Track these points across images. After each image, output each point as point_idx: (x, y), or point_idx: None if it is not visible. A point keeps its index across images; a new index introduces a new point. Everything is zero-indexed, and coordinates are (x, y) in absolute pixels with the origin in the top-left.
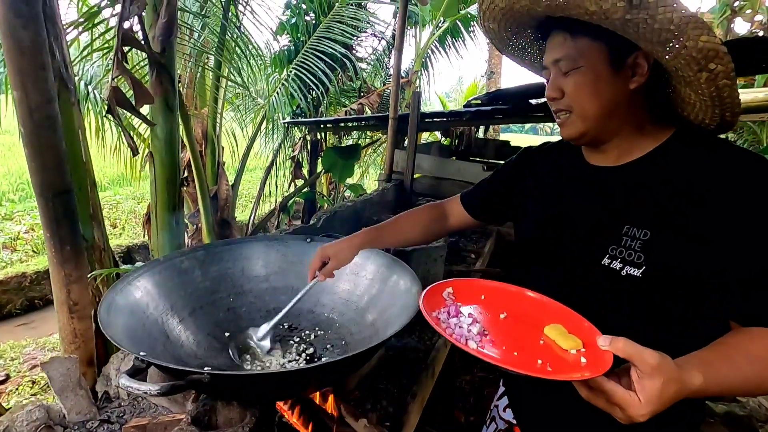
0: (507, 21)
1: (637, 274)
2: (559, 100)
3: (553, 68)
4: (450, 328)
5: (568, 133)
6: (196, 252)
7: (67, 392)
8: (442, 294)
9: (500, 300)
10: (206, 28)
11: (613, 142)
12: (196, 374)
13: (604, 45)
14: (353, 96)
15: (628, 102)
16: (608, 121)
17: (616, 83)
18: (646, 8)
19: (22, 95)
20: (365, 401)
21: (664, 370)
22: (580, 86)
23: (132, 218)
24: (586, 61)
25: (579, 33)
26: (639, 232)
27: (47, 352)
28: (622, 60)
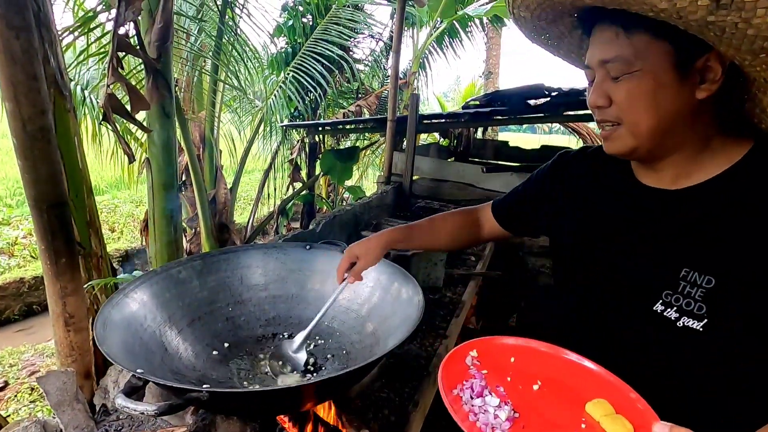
0: (543, 7)
1: (698, 327)
2: (605, 110)
3: (600, 70)
4: (473, 414)
5: (615, 148)
6: (194, 262)
7: (63, 406)
8: (464, 360)
9: (533, 364)
10: (203, 31)
11: (670, 160)
12: (194, 392)
13: (668, 44)
14: (351, 98)
15: (694, 113)
16: (666, 136)
17: (680, 92)
18: (740, 9)
19: (15, 107)
20: (366, 411)
21: None
22: (635, 95)
23: (130, 222)
24: (644, 64)
25: (636, 28)
26: (701, 278)
27: (46, 358)
28: (690, 63)
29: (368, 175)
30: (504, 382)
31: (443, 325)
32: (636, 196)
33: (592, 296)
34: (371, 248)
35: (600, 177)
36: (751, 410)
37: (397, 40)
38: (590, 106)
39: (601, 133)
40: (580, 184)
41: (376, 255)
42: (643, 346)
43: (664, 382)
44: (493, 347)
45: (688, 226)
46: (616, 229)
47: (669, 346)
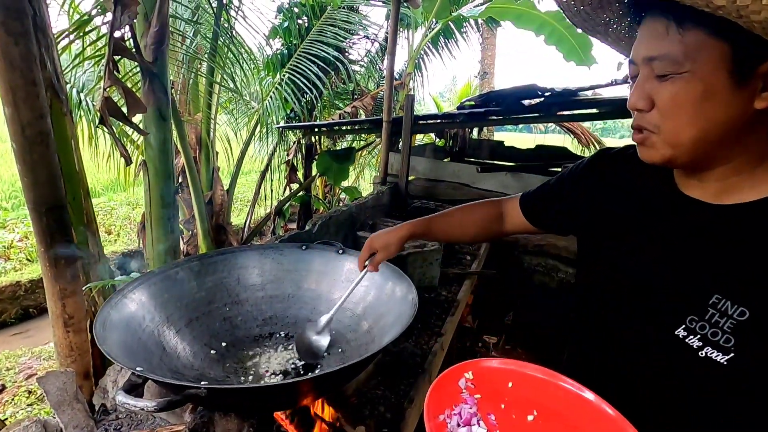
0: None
1: (722, 360)
2: (645, 114)
3: (644, 67)
4: None
5: (649, 156)
6: (191, 263)
7: (63, 406)
8: (458, 381)
9: (530, 391)
10: (198, 34)
11: (717, 171)
12: (192, 388)
13: (725, 44)
14: (347, 99)
15: (749, 125)
16: (712, 148)
17: (734, 100)
18: None
19: (14, 111)
20: (363, 408)
21: None
22: (680, 100)
23: (127, 224)
24: (695, 66)
25: (690, 23)
26: (733, 308)
27: (43, 362)
28: (750, 67)
29: (364, 176)
30: (497, 409)
31: (438, 323)
32: (674, 205)
33: (613, 303)
34: (391, 241)
35: (638, 179)
36: None
37: (392, 42)
38: (629, 108)
39: (635, 138)
40: (617, 185)
41: (395, 247)
42: (659, 370)
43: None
44: (491, 370)
45: (726, 248)
46: (647, 236)
47: (686, 376)
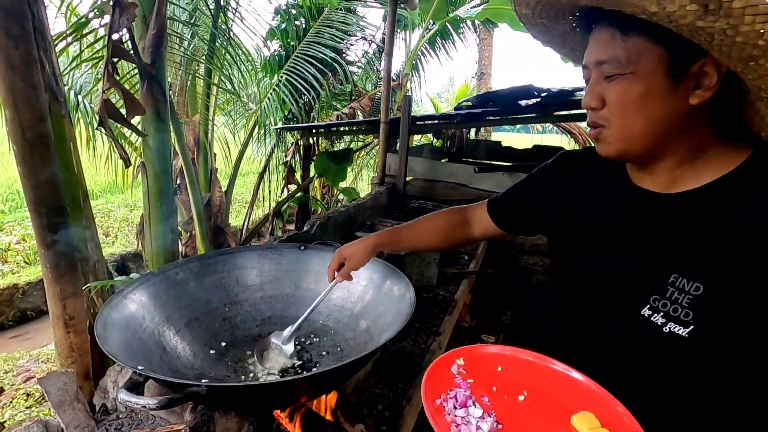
0: (543, 6)
1: (683, 333)
2: (598, 112)
3: (595, 70)
4: (455, 424)
5: (605, 151)
6: (190, 263)
7: (64, 406)
8: (450, 368)
9: (520, 374)
10: (196, 36)
11: (663, 164)
12: (193, 386)
13: (662, 48)
14: (345, 100)
15: (687, 119)
16: (657, 141)
17: (672, 96)
18: (728, 15)
19: (14, 114)
20: (361, 406)
21: None
22: (626, 97)
23: (125, 226)
24: (637, 67)
25: (632, 31)
26: (689, 284)
27: (41, 364)
28: (684, 68)
29: (362, 177)
30: (489, 391)
31: (436, 322)
32: (629, 198)
33: (583, 296)
34: (359, 251)
35: (597, 177)
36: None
37: (389, 43)
38: (584, 107)
39: (591, 134)
40: (580, 184)
41: (363, 257)
42: (629, 349)
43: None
44: (481, 356)
45: (678, 232)
46: (609, 230)
47: (654, 351)
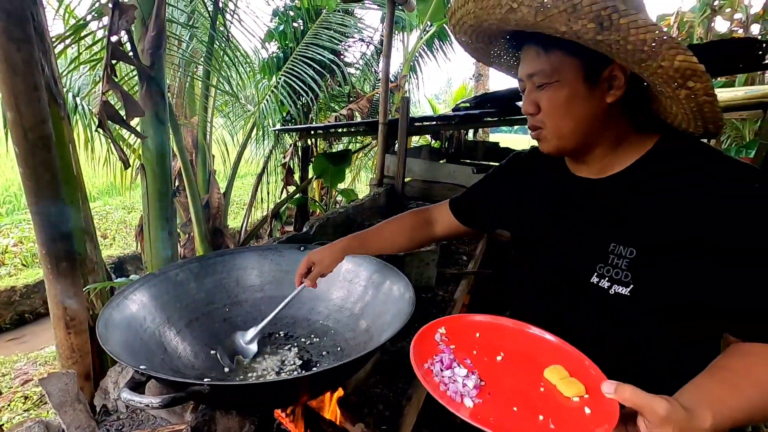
0: (477, 34)
1: (625, 292)
2: (535, 116)
3: (528, 82)
4: (444, 384)
5: (545, 148)
6: (191, 264)
7: (65, 407)
8: (434, 336)
9: (496, 338)
10: (194, 38)
11: (594, 154)
12: (196, 386)
13: (578, 59)
14: (343, 101)
15: (606, 115)
16: (585, 136)
17: (592, 97)
18: (618, 30)
19: (16, 116)
20: (362, 406)
21: (674, 419)
22: (555, 102)
23: (123, 228)
24: (561, 76)
25: (552, 47)
26: (625, 250)
27: (39, 367)
28: (597, 73)
29: (361, 178)
30: (470, 355)
31: None
32: (570, 186)
33: (543, 276)
34: (326, 256)
35: (543, 172)
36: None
37: (387, 44)
38: (524, 113)
39: (533, 135)
40: (530, 180)
41: (330, 262)
42: (586, 314)
43: (605, 343)
44: (461, 324)
45: (611, 208)
46: (557, 215)
47: (606, 312)
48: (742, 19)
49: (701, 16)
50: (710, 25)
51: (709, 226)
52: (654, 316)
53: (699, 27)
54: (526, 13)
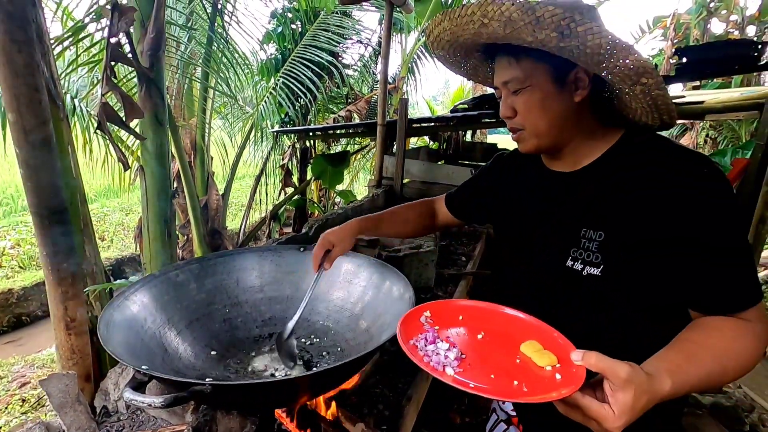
0: (454, 49)
1: (597, 273)
2: (513, 119)
3: (504, 89)
4: (427, 356)
5: (525, 148)
6: (191, 265)
7: (66, 408)
8: (419, 319)
9: (478, 319)
10: (193, 39)
11: (567, 150)
12: (198, 385)
13: (546, 65)
14: (341, 103)
15: (576, 113)
16: (559, 133)
17: (562, 98)
18: (576, 37)
19: (17, 118)
20: (362, 406)
21: (636, 381)
22: (529, 104)
23: (120, 230)
24: (532, 81)
25: (522, 56)
26: (595, 233)
27: (36, 369)
28: (564, 76)
29: (359, 179)
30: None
31: None
32: (548, 180)
33: (524, 263)
34: (345, 236)
35: (525, 170)
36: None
37: (385, 46)
38: (502, 117)
39: (513, 137)
40: (511, 178)
41: (349, 242)
42: (564, 296)
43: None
44: (444, 307)
45: (582, 197)
46: (536, 207)
47: (580, 293)
48: (738, 20)
49: (697, 17)
50: (706, 27)
51: (664, 213)
52: (624, 295)
53: (695, 28)
54: (497, 27)
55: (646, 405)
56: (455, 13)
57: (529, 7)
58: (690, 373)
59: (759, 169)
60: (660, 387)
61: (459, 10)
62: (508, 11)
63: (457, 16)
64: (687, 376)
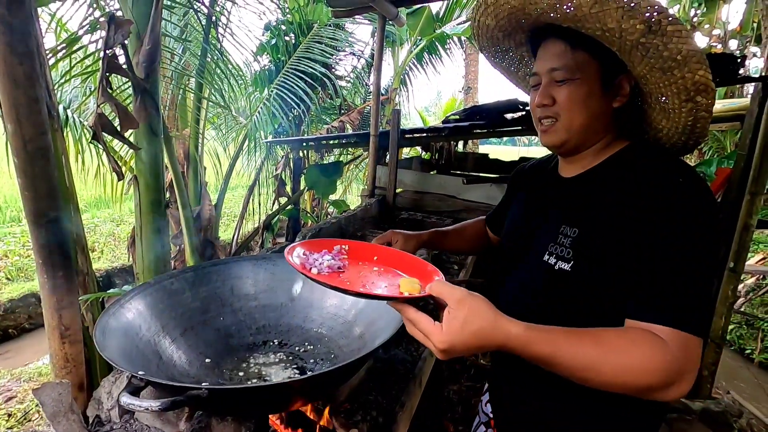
0: (509, 20)
1: (567, 268)
2: (549, 107)
3: (546, 76)
4: (308, 263)
5: (551, 140)
6: (186, 273)
7: (59, 417)
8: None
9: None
10: (187, 51)
11: (585, 153)
12: (194, 389)
13: (599, 63)
14: (334, 114)
15: (609, 118)
16: (589, 133)
17: (603, 100)
18: (663, 35)
19: (16, 127)
20: (355, 412)
21: (469, 304)
22: (573, 97)
23: (111, 241)
24: (582, 74)
25: (579, 46)
26: (570, 230)
27: (23, 383)
28: (611, 79)
29: (352, 190)
30: (353, 262)
31: None
32: (553, 185)
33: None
34: (411, 239)
35: (537, 179)
36: None
37: (378, 58)
38: (536, 105)
39: (541, 128)
40: (525, 188)
41: (412, 247)
42: (542, 291)
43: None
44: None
45: (568, 197)
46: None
47: (552, 286)
48: (720, 34)
49: None
50: None
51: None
52: (591, 293)
53: None
54: (584, 1)
55: (478, 331)
56: None
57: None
58: (557, 338)
59: (741, 178)
60: (504, 324)
61: None
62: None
63: None
64: (551, 337)
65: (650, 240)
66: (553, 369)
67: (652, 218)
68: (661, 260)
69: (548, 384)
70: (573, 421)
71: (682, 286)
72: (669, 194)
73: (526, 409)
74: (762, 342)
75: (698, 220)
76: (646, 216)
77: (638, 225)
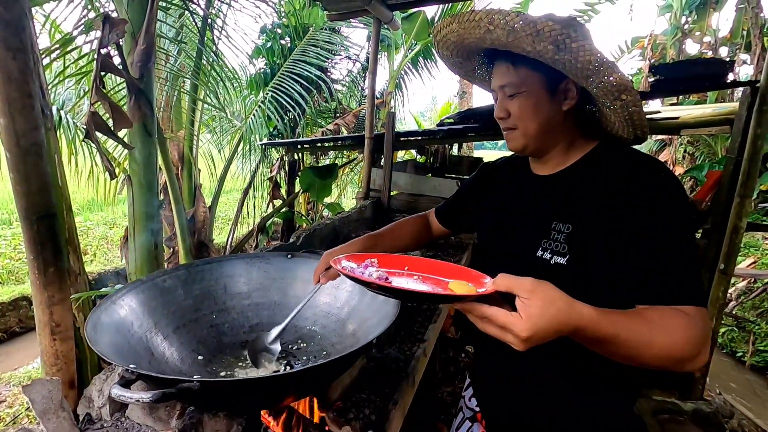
0: (458, 50)
1: (563, 262)
2: (506, 119)
3: (500, 92)
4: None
5: (513, 146)
6: (178, 271)
7: (49, 415)
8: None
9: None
10: (182, 52)
11: (551, 154)
12: (186, 382)
13: (541, 74)
14: (329, 117)
15: (562, 121)
16: (546, 136)
17: (551, 105)
18: (570, 51)
19: (9, 122)
20: (348, 410)
21: (542, 290)
22: (523, 108)
23: (104, 244)
24: (527, 87)
25: (520, 63)
26: (563, 226)
27: (12, 387)
28: (556, 86)
29: (347, 192)
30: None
31: (421, 330)
32: (530, 182)
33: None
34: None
35: (509, 177)
36: None
37: (373, 62)
38: (496, 118)
39: (504, 135)
40: (495, 185)
41: None
42: None
43: None
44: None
45: (556, 196)
46: (515, 208)
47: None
48: (711, 41)
49: (673, 38)
50: (681, 47)
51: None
52: (588, 284)
53: (671, 49)
54: (500, 34)
55: (557, 315)
56: (464, 17)
57: (531, 20)
58: (617, 317)
59: (731, 181)
60: (578, 307)
61: (468, 14)
62: (512, 21)
63: (466, 20)
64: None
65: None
66: (609, 348)
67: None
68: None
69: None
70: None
71: (685, 266)
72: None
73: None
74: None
75: (678, 205)
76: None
77: (626, 215)
